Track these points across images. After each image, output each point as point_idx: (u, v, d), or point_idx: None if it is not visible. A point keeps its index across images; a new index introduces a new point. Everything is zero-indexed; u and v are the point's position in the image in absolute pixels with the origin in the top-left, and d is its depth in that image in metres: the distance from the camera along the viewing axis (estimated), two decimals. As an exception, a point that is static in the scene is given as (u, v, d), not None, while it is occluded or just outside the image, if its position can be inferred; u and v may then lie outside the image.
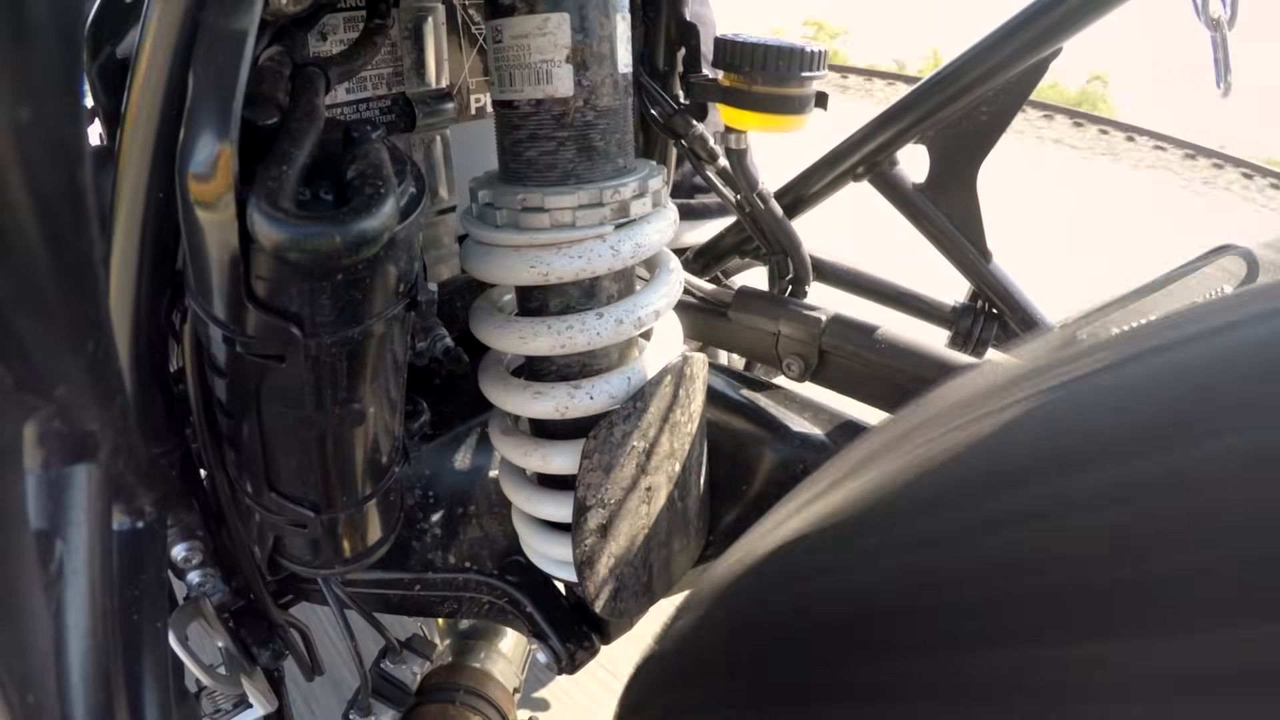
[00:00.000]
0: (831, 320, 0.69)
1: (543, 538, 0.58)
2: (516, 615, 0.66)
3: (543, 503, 0.57)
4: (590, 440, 0.49)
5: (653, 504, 0.56)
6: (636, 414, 0.51)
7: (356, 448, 0.45)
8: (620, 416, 0.50)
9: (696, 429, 0.58)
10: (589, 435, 0.50)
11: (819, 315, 0.70)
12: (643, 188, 0.49)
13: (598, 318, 0.49)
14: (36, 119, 0.21)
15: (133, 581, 0.45)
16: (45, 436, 0.29)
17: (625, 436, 0.51)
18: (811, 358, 0.71)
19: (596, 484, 0.51)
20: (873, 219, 1.02)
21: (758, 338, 0.74)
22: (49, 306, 0.25)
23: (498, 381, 0.54)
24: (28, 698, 0.26)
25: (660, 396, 0.53)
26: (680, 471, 0.57)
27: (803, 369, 0.72)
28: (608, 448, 0.50)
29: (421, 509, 0.66)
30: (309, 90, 0.39)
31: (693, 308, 0.78)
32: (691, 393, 0.56)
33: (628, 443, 0.51)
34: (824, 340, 0.69)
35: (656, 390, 0.52)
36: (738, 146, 0.68)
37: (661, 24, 0.66)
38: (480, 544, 0.67)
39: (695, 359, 0.55)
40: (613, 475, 0.51)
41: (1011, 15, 0.67)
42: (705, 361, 0.57)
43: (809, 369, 0.71)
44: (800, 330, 0.71)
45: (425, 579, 0.65)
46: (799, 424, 0.65)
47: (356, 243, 0.34)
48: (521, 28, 0.44)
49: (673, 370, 0.53)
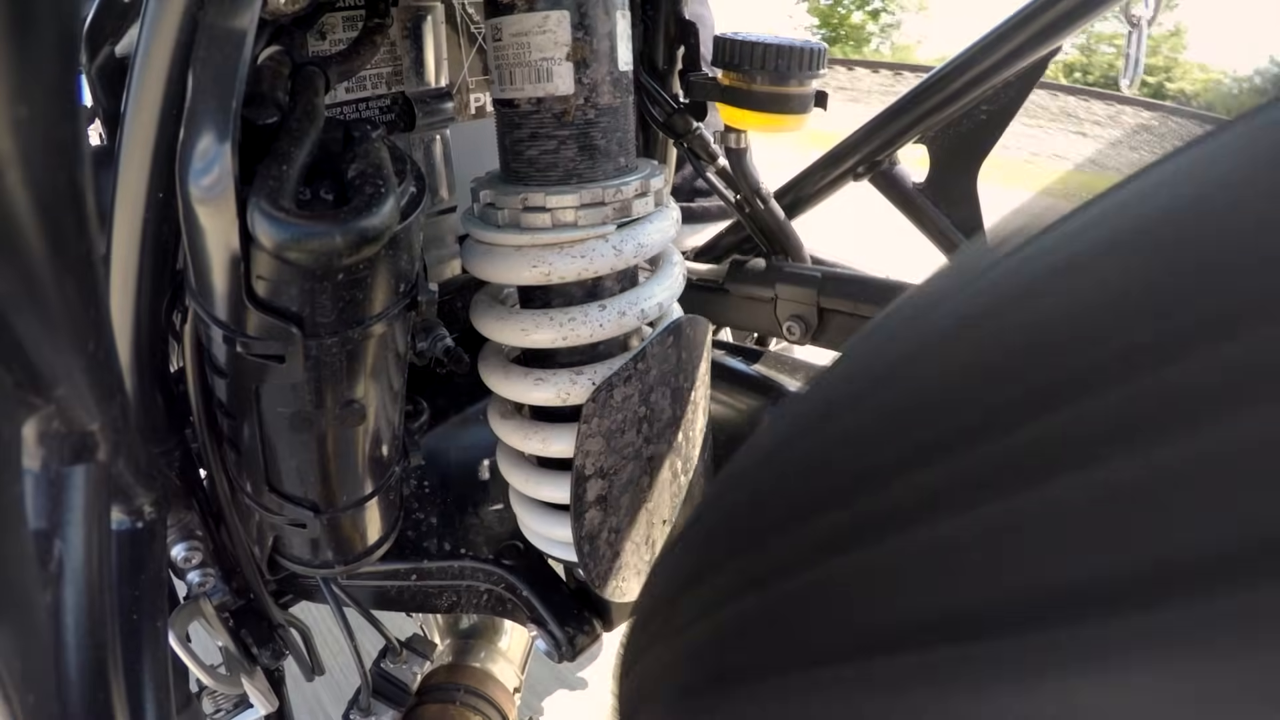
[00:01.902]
0: (827, 278, 0.69)
1: (542, 519, 0.57)
2: (515, 602, 0.65)
3: (542, 484, 0.55)
4: (589, 404, 0.48)
5: (655, 475, 0.54)
6: (637, 375, 0.49)
7: (356, 447, 0.45)
8: (620, 378, 0.48)
9: (700, 397, 0.57)
10: (588, 399, 0.48)
11: (814, 273, 0.69)
12: (645, 187, 0.49)
13: (600, 309, 0.49)
14: (35, 118, 0.21)
15: (132, 581, 0.45)
16: (45, 436, 0.29)
17: (625, 399, 0.49)
18: (811, 318, 0.70)
19: (595, 451, 0.49)
20: (872, 219, 1.02)
21: (756, 306, 0.74)
22: (49, 306, 0.25)
23: (498, 369, 0.53)
24: (28, 698, 0.26)
25: (662, 358, 0.51)
26: (683, 442, 0.56)
27: (804, 331, 0.71)
28: (607, 411, 0.49)
29: (416, 497, 0.65)
30: (309, 90, 0.39)
31: (689, 287, 0.78)
32: (694, 357, 0.54)
33: (628, 406, 0.50)
34: (821, 300, 0.69)
35: (658, 351, 0.50)
36: (737, 146, 0.68)
37: (661, 22, 0.66)
38: (475, 530, 0.66)
39: (697, 320, 0.54)
40: (612, 441, 0.50)
41: (1011, 14, 0.67)
42: (708, 324, 0.56)
43: (809, 330, 0.71)
44: (797, 292, 0.70)
45: (421, 568, 0.64)
46: (794, 385, 0.64)
47: (357, 242, 0.34)
48: (521, 26, 0.44)
49: (674, 330, 0.51)
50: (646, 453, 0.53)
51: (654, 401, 0.52)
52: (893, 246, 1.09)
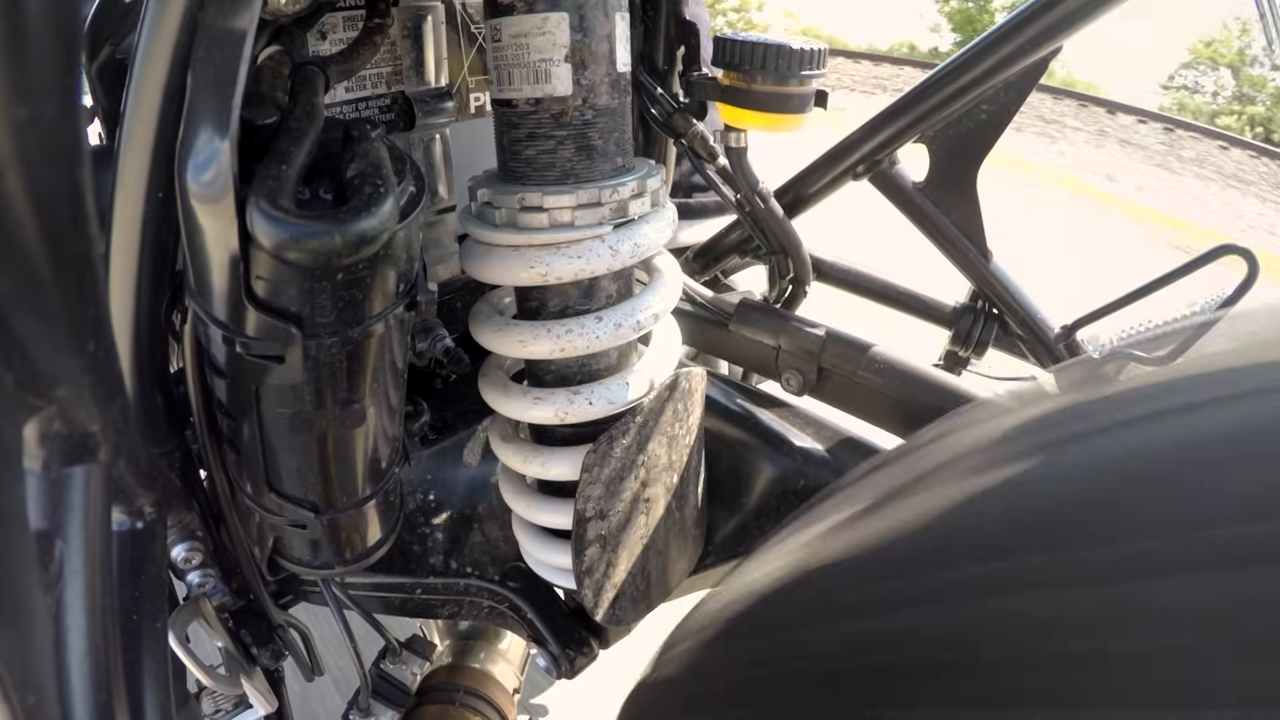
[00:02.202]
0: (830, 338, 0.70)
1: (542, 545, 0.59)
2: (517, 621, 0.66)
3: (542, 510, 0.57)
4: (589, 455, 0.50)
5: (651, 514, 0.56)
6: (635, 429, 0.52)
7: (356, 448, 0.45)
8: (619, 432, 0.51)
9: (694, 441, 0.59)
10: (589, 450, 0.50)
11: (818, 332, 0.70)
12: (641, 187, 0.49)
13: (596, 321, 0.49)
14: (35, 118, 0.21)
15: (132, 582, 0.45)
16: (45, 437, 0.29)
17: (624, 450, 0.52)
18: (810, 374, 0.71)
19: (596, 497, 0.51)
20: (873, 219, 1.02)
21: (758, 350, 0.75)
22: (49, 306, 0.24)
23: (498, 387, 0.54)
24: (28, 698, 0.26)
25: (658, 412, 0.53)
26: (678, 483, 0.58)
27: (801, 384, 0.72)
28: (607, 462, 0.51)
29: (423, 513, 0.66)
30: (308, 89, 0.39)
31: (693, 316, 0.78)
32: (690, 406, 0.56)
33: (627, 457, 0.52)
34: (823, 358, 0.70)
35: (655, 406, 0.53)
36: (737, 145, 0.68)
37: (661, 23, 0.66)
38: (482, 550, 0.67)
39: (694, 373, 0.56)
40: (612, 489, 0.52)
41: (1011, 14, 0.67)
42: (704, 375, 0.58)
43: (808, 384, 0.72)
44: (800, 346, 0.71)
45: (426, 584, 0.65)
46: (800, 439, 0.66)
47: (356, 242, 0.34)
48: (520, 27, 0.44)
49: (671, 386, 0.53)
50: (644, 495, 0.55)
51: (651, 450, 0.54)
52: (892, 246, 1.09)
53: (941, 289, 0.84)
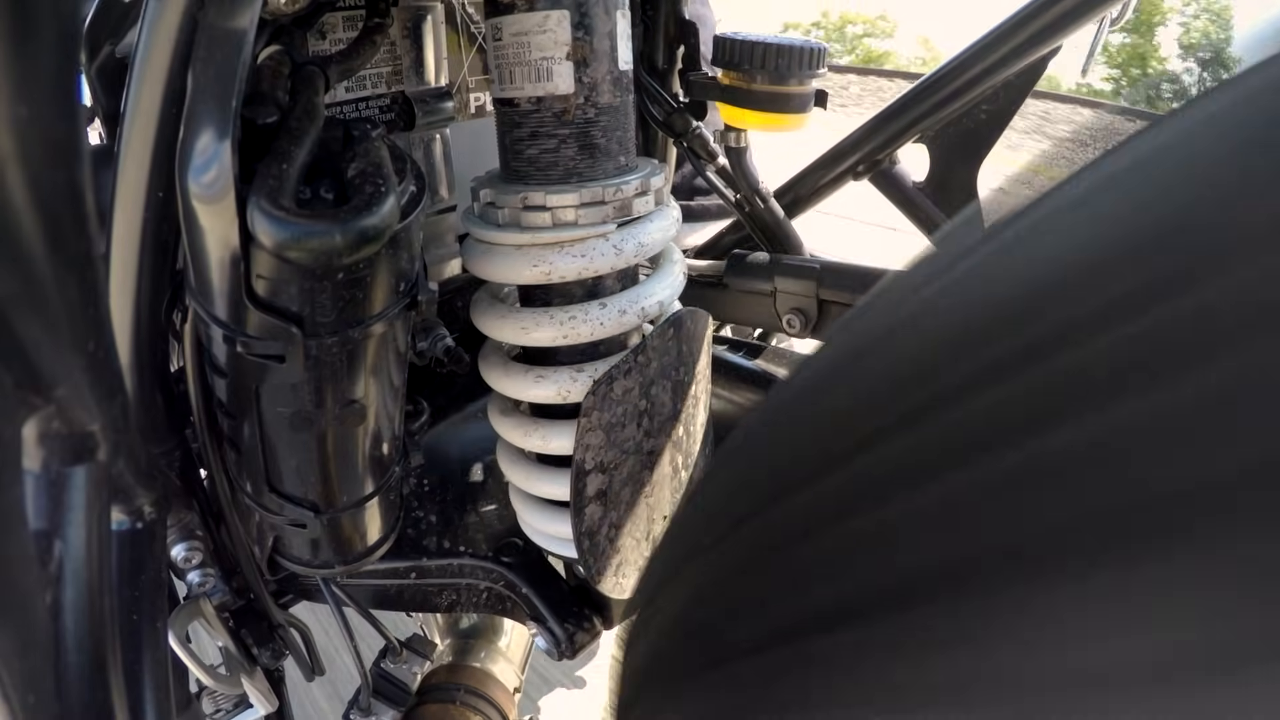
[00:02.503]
0: (826, 270, 0.69)
1: (542, 515, 0.57)
2: (514, 599, 0.65)
3: (542, 480, 0.55)
4: (589, 397, 0.47)
5: (655, 470, 0.53)
6: (638, 368, 0.49)
7: (357, 448, 0.45)
8: (620, 371, 0.48)
9: (701, 390, 0.56)
10: (588, 392, 0.48)
11: (813, 265, 0.69)
12: (645, 185, 0.48)
13: (601, 307, 0.48)
14: (35, 118, 0.21)
15: (132, 581, 0.45)
16: (45, 436, 0.29)
17: (625, 393, 0.49)
18: (811, 311, 0.70)
19: (596, 445, 0.49)
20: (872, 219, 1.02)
21: (756, 300, 0.74)
22: (49, 306, 0.24)
23: (498, 366, 0.52)
24: (28, 698, 0.26)
25: (662, 350, 0.51)
26: (684, 436, 0.55)
27: (804, 323, 0.71)
28: (607, 404, 0.48)
29: (416, 495, 0.65)
30: (308, 89, 0.39)
31: (689, 284, 0.78)
32: (695, 350, 0.54)
33: (628, 399, 0.49)
34: (821, 291, 0.69)
35: (658, 343, 0.50)
36: (737, 145, 0.68)
37: (661, 22, 0.66)
38: (475, 528, 0.66)
39: (697, 313, 0.53)
40: (612, 435, 0.49)
41: (1011, 14, 0.67)
42: (708, 317, 0.56)
43: (810, 323, 0.71)
44: (796, 284, 0.70)
45: (421, 566, 0.64)
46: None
47: (357, 241, 0.34)
48: (521, 25, 0.44)
49: (674, 322, 0.51)
50: (647, 447, 0.52)
51: (654, 395, 0.51)
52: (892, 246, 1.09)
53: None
